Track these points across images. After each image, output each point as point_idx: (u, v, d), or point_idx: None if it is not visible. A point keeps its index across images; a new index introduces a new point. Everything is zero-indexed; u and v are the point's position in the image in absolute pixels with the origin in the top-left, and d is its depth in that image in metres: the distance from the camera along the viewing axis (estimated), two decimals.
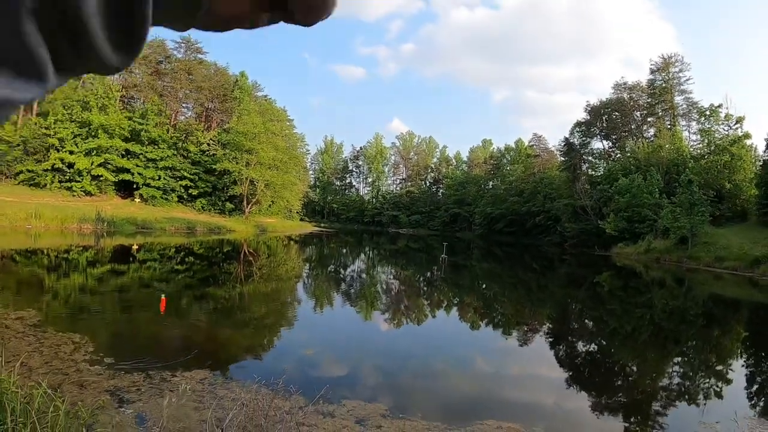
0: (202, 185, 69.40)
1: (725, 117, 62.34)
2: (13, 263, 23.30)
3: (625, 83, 77.55)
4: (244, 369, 9.65)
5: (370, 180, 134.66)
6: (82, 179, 59.26)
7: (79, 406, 5.02)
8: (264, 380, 7.68)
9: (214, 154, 68.97)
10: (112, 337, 11.42)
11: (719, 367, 12.87)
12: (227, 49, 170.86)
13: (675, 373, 12.19)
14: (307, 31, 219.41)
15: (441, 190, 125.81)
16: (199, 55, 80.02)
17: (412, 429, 7.30)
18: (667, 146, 64.81)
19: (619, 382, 11.48)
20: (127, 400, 7.06)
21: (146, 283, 20.80)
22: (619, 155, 75.33)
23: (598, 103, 77.82)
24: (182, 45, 78.79)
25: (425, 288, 28.09)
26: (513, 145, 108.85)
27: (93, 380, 7.77)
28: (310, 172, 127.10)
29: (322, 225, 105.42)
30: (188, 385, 7.84)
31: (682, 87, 72.89)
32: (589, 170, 78.09)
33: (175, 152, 68.83)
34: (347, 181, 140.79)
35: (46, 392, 4.60)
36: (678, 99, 73.10)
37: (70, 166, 58.50)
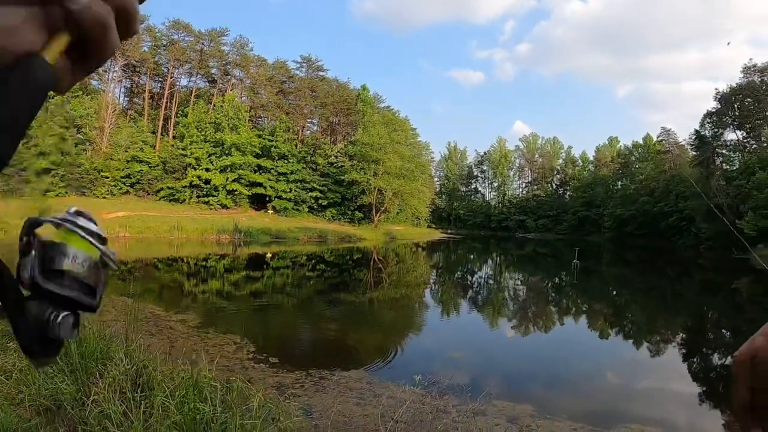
0: (332, 196, 71.38)
1: None
2: (160, 270, 25.01)
3: (754, 65, 70.43)
4: (392, 370, 10.13)
5: (495, 185, 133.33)
6: (218, 194, 62.87)
7: (268, 400, 5.56)
8: (415, 381, 8.14)
9: (341, 166, 70.76)
10: (266, 338, 12.21)
11: None
12: (347, 66, 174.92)
13: None
14: (419, 39, 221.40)
15: (568, 193, 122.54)
16: (321, 73, 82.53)
17: (561, 429, 7.56)
18: None
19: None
20: (294, 395, 7.69)
21: (280, 289, 21.78)
22: (755, 146, 69.77)
23: (728, 90, 72.46)
24: (304, 64, 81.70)
25: (557, 295, 27.80)
26: (641, 142, 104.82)
27: (260, 377, 8.48)
28: (435, 179, 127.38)
29: (449, 231, 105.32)
30: (347, 383, 8.44)
31: None
32: (724, 165, 73.56)
33: (305, 165, 71.40)
34: (472, 186, 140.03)
35: (243, 384, 5.19)
36: None
37: (207, 182, 62.31)
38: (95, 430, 4.20)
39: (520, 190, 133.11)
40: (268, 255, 36.46)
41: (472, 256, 53.79)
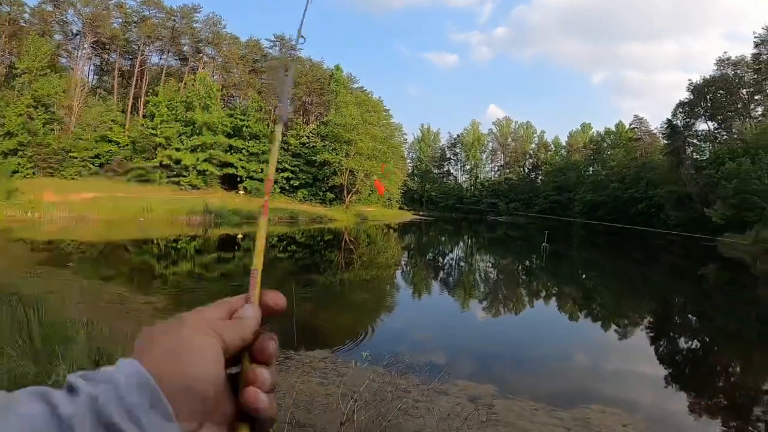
0: (303, 176, 70.98)
1: None
2: (130, 252, 24.83)
3: (728, 58, 71.63)
4: (359, 350, 10.22)
5: (467, 167, 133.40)
6: (189, 174, 62.21)
7: None
8: (379, 361, 8.26)
9: (313, 146, 70.44)
10: None
11: None
12: (321, 46, 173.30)
13: None
14: (396, 20, 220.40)
15: (540, 177, 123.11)
16: (294, 52, 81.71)
17: (521, 409, 7.76)
18: None
19: (721, 383, 11.28)
20: None
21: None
22: (725, 137, 71.01)
23: (701, 82, 73.54)
24: (277, 43, 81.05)
25: (526, 277, 28.10)
26: (613, 129, 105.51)
27: None
28: (408, 160, 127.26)
29: (421, 213, 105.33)
30: (311, 362, 8.52)
31: None
32: (694, 154, 74.54)
33: None
34: (445, 169, 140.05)
35: None
36: None
37: (177, 162, 61.54)
38: None
39: (493, 173, 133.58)
40: (239, 236, 36.35)
41: (443, 238, 54.06)
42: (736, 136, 65.34)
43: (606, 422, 7.68)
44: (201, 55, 76.36)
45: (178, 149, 61.73)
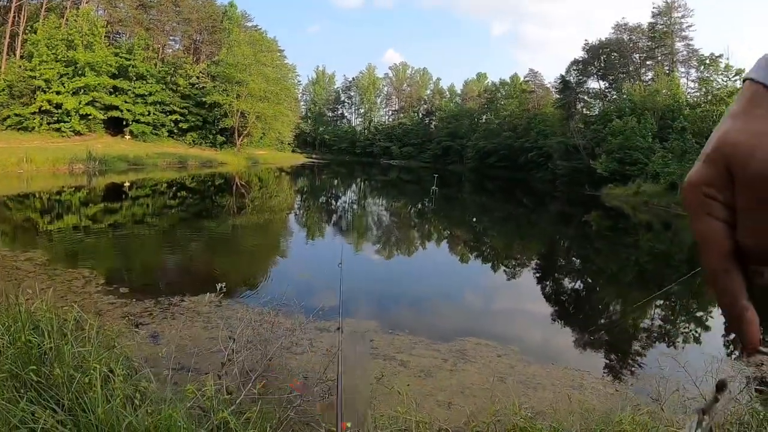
0: (193, 119, 68.74)
1: (725, 68, 61.38)
2: (10, 208, 23.62)
3: (626, 24, 75.42)
4: (247, 293, 10.35)
5: (362, 111, 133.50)
6: (71, 119, 58.25)
7: (105, 328, 5.51)
8: (265, 302, 8.36)
9: (203, 87, 68.17)
10: (119, 270, 11.89)
11: (699, 313, 13.15)
12: None
13: (656, 316, 12.54)
14: None
15: (434, 123, 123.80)
16: None
17: (401, 343, 8.19)
18: (663, 91, 63.19)
19: (602, 321, 11.93)
20: (142, 323, 7.70)
21: (140, 219, 21.22)
22: (615, 96, 74.07)
23: (597, 43, 76.39)
24: None
25: (415, 219, 28.61)
26: (508, 80, 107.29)
27: (107, 308, 8.36)
28: (302, 103, 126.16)
29: (314, 156, 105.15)
30: (196, 308, 8.47)
31: (683, 33, 71.26)
32: (584, 110, 77.51)
33: (164, 87, 67.73)
34: (339, 112, 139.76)
35: (79, 314, 5.09)
36: (678, 45, 71.47)
37: (58, 107, 57.35)
38: None
39: (387, 117, 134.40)
40: (126, 184, 35.12)
41: (336, 182, 54.30)
42: (625, 96, 68.05)
43: (481, 353, 8.11)
44: None
45: (58, 92, 57.38)
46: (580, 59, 77.49)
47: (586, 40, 78.39)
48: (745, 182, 0.54)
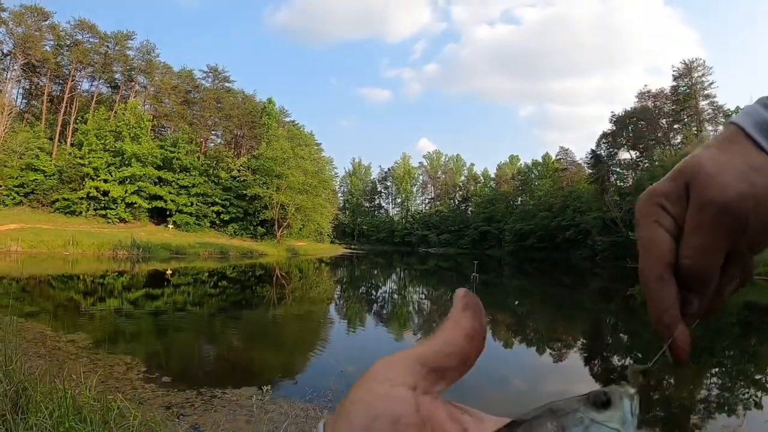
0: (234, 210, 70.30)
1: None
2: (55, 288, 24.05)
3: (648, 91, 76.46)
4: (289, 386, 10.14)
5: (398, 200, 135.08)
6: (117, 206, 60.64)
7: (147, 418, 5.50)
8: (308, 397, 8.23)
9: (244, 180, 69.95)
10: (160, 358, 11.91)
11: (758, 376, 12.77)
12: (254, 77, 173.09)
13: (713, 385, 12.12)
14: (331, 55, 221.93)
15: (470, 208, 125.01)
16: (227, 84, 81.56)
17: None
18: None
19: (656, 396, 11.55)
20: (183, 414, 7.61)
21: (181, 306, 21.37)
22: (647, 164, 74.05)
23: (623, 113, 76.86)
24: (210, 74, 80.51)
25: None
26: (540, 160, 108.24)
27: (149, 397, 8.32)
28: (339, 194, 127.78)
29: (353, 247, 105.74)
30: (238, 400, 8.40)
31: (706, 92, 71.60)
32: (618, 182, 77.53)
33: (207, 179, 70.00)
34: (376, 202, 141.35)
35: (123, 404, 5.11)
36: (703, 104, 71.77)
37: (105, 194, 59.84)
38: None
39: (423, 205, 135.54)
40: (168, 271, 35.57)
41: (375, 271, 54.07)
42: (657, 163, 67.78)
43: None
44: (133, 83, 74.69)
45: (106, 180, 60.02)
46: (609, 132, 78.02)
47: (612, 112, 79.22)
48: (698, 204, 0.55)
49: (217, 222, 69.73)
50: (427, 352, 0.52)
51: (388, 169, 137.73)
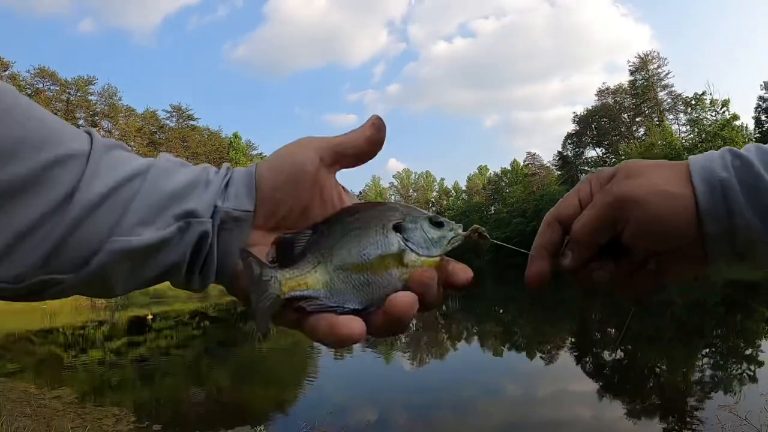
0: None
1: (710, 103, 62.04)
2: (35, 343, 23.67)
3: (607, 88, 77.93)
4: (282, 421, 10.03)
5: None
6: None
7: None
8: (302, 431, 8.13)
9: None
10: (150, 406, 11.73)
11: (749, 351, 12.79)
12: (219, 113, 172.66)
13: (706, 365, 12.09)
14: (295, 86, 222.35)
15: None
16: (192, 122, 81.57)
17: None
18: (659, 142, 64.39)
19: (651, 383, 11.52)
20: None
21: (165, 351, 21.13)
22: (614, 159, 73.93)
23: (585, 113, 78.00)
24: (174, 113, 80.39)
25: (442, 321, 28.26)
26: (509, 167, 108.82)
27: None
28: None
29: None
30: None
31: (663, 82, 73.24)
32: None
33: None
34: None
35: None
36: (661, 94, 73.33)
37: None
38: None
39: None
40: (149, 316, 35.07)
41: None
42: (623, 157, 68.46)
43: None
44: (97, 128, 73.73)
45: None
46: (573, 132, 79.34)
47: (574, 113, 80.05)
48: (606, 189, 0.68)
49: None
50: (336, 140, 0.74)
51: (360, 192, 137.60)
